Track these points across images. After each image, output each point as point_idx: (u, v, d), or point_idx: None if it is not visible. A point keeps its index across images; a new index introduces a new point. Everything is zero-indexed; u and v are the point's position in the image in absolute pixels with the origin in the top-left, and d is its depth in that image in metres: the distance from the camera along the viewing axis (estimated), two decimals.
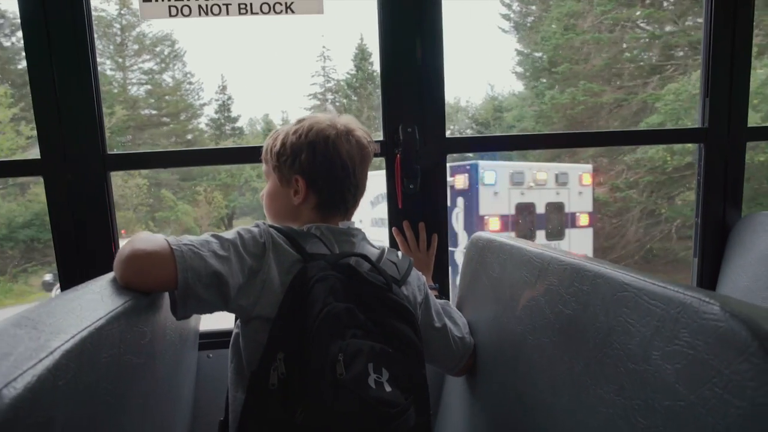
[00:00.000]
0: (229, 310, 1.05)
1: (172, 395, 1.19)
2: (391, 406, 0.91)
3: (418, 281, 1.23)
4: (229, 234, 1.05)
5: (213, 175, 19.74)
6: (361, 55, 22.41)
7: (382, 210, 2.17)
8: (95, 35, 1.56)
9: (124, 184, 17.04)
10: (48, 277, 12.75)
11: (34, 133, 1.55)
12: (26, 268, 15.63)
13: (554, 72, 15.71)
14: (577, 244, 8.70)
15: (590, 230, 9.06)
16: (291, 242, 1.08)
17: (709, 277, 1.84)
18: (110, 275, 1.00)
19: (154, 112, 20.83)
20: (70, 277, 1.58)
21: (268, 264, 1.04)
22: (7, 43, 18.11)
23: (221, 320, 1.40)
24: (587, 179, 8.91)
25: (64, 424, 0.62)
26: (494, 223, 7.91)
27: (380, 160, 1.67)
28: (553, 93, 15.39)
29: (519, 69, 18.92)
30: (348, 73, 22.85)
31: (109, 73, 20.21)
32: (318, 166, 1.17)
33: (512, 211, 8.18)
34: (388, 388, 0.93)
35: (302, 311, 0.95)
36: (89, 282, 0.97)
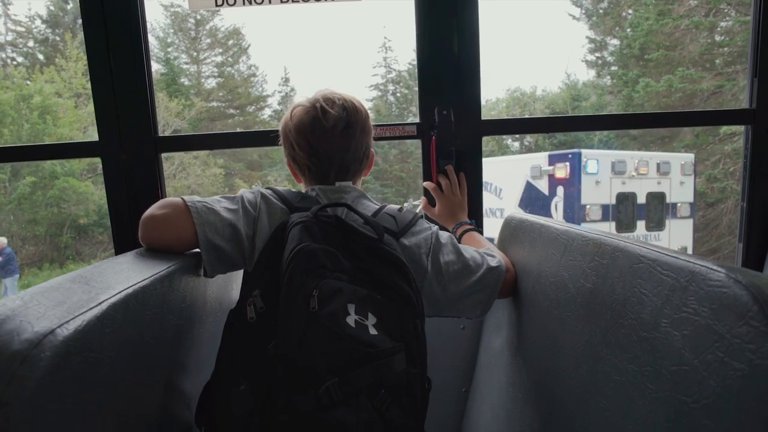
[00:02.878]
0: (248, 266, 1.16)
1: (211, 360, 1.26)
2: (370, 346, 0.90)
3: (429, 231, 1.23)
4: (233, 195, 1.18)
5: (281, 165, 20.27)
6: None
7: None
8: (172, 30, 1.66)
9: (202, 174, 17.80)
10: None
11: None
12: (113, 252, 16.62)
13: (648, 59, 15.12)
14: (677, 236, 8.52)
15: (690, 221, 8.81)
16: (281, 198, 1.19)
17: (754, 263, 1.76)
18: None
19: (223, 104, 21.60)
20: (124, 249, 1.69)
21: (262, 219, 1.15)
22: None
23: None
24: (689, 169, 8.65)
25: (111, 367, 0.71)
26: (595, 213, 7.83)
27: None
28: (647, 81, 14.79)
29: (590, 57, 18.30)
30: (410, 63, 22.85)
31: (184, 66, 21.09)
32: (288, 149, 1.29)
33: (613, 201, 8.04)
34: (373, 332, 0.92)
35: (280, 255, 0.98)
36: (137, 250, 1.08)
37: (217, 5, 1.62)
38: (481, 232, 1.58)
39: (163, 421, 0.99)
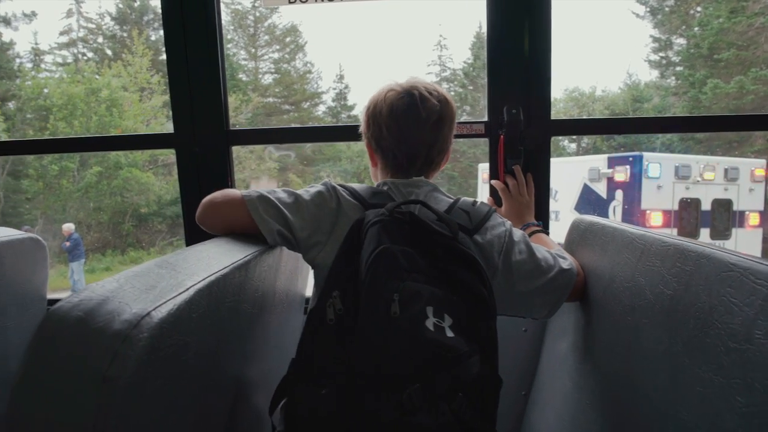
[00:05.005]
0: (301, 252, 1.20)
1: (278, 350, 1.30)
2: (449, 350, 0.89)
3: (503, 227, 1.21)
4: (298, 190, 1.21)
5: (334, 160, 20.51)
6: (479, 44, 22.10)
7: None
8: (232, 27, 1.72)
9: (257, 168, 18.22)
10: None
11: None
12: (172, 241, 17.34)
13: (717, 59, 14.48)
14: (744, 246, 8.09)
15: (760, 231, 8.41)
16: (353, 195, 1.19)
17: None
18: (228, 237, 1.15)
19: (279, 100, 22.00)
20: (195, 238, 1.75)
21: (333, 215, 1.17)
22: (154, 37, 20.02)
23: None
24: (760, 174, 8.23)
25: (196, 351, 0.75)
26: (656, 218, 7.63)
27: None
28: (716, 82, 14.17)
29: (654, 57, 17.66)
30: (465, 62, 22.67)
31: (242, 62, 21.61)
32: (372, 130, 1.28)
33: (675, 207, 7.79)
34: (450, 334, 0.91)
35: (358, 253, 0.99)
36: (213, 239, 1.12)
37: (290, 2, 1.66)
38: (548, 234, 1.56)
39: (236, 405, 1.03)
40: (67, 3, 21.24)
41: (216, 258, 0.94)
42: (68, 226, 12.54)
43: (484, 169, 10.45)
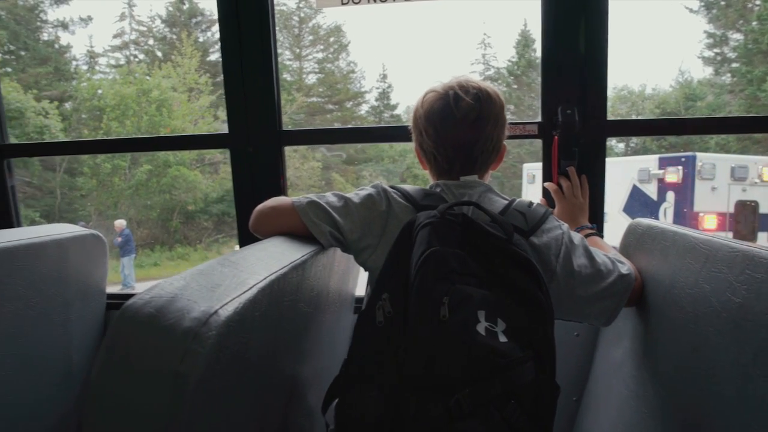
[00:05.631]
0: (353, 254, 1.22)
1: (330, 348, 1.31)
2: (501, 355, 0.86)
3: (559, 230, 1.18)
4: (348, 193, 1.22)
5: (376, 160, 20.58)
6: (524, 42, 21.80)
7: None
8: (277, 28, 1.75)
9: (300, 166, 18.48)
10: (238, 248, 14.63)
11: None
12: (218, 238, 17.80)
13: None
14: None
15: None
16: (405, 197, 1.19)
17: None
18: (284, 237, 1.17)
19: (322, 99, 22.21)
20: (247, 234, 1.79)
21: (383, 217, 1.18)
22: (202, 38, 20.53)
23: None
24: None
25: (257, 349, 0.77)
26: (710, 221, 7.36)
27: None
28: None
29: (708, 53, 17.02)
30: (509, 60, 22.38)
31: (287, 62, 21.93)
32: (416, 135, 1.29)
33: (731, 209, 7.45)
34: (503, 339, 0.89)
35: (409, 256, 0.97)
36: (270, 239, 1.15)
37: (342, 3, 1.67)
38: (602, 237, 1.52)
39: (291, 402, 1.05)
40: (120, 7, 22.01)
41: (275, 257, 0.95)
42: (120, 222, 12.97)
43: (529, 169, 10.29)
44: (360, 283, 1.51)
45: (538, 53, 1.67)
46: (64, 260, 1.61)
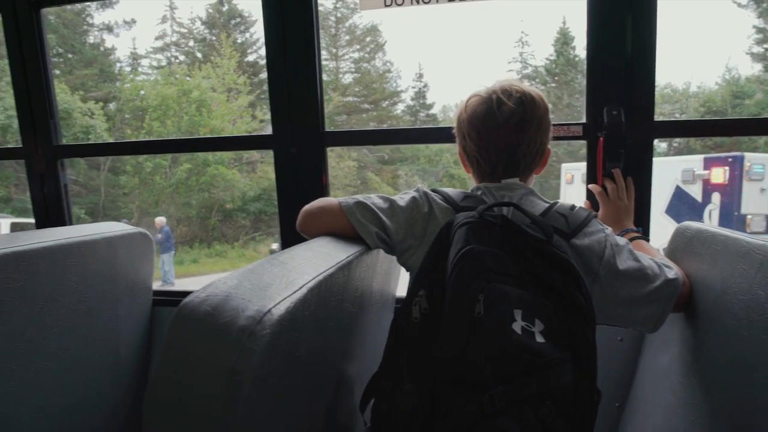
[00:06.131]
0: (396, 255, 1.24)
1: (371, 348, 1.32)
2: (537, 355, 0.86)
3: (602, 233, 1.16)
4: (392, 196, 1.24)
5: (412, 159, 20.58)
6: (563, 40, 21.44)
7: None
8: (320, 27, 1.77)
9: (336, 166, 18.64)
10: (275, 246, 14.98)
11: (267, 117, 1.84)
12: (254, 236, 18.13)
13: None
14: None
15: None
16: (445, 198, 1.21)
17: None
18: (329, 237, 1.20)
19: (358, 98, 22.32)
20: (290, 233, 1.84)
21: (425, 219, 1.19)
22: (240, 39, 20.88)
23: None
24: None
25: (306, 347, 0.78)
26: (758, 224, 7.08)
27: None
28: None
29: (757, 49, 16.44)
30: (547, 58, 22.05)
31: (324, 62, 22.10)
32: (460, 139, 1.29)
33: None
34: (540, 339, 0.88)
35: (447, 255, 0.98)
36: (315, 239, 1.17)
37: (386, 5, 1.68)
38: (648, 240, 1.49)
39: (335, 401, 1.06)
40: (162, 9, 22.56)
41: (322, 257, 0.97)
42: (160, 220, 13.31)
43: (567, 169, 10.13)
44: (400, 285, 1.53)
45: (578, 51, 1.66)
46: (114, 257, 1.66)
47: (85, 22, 20.93)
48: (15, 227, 10.56)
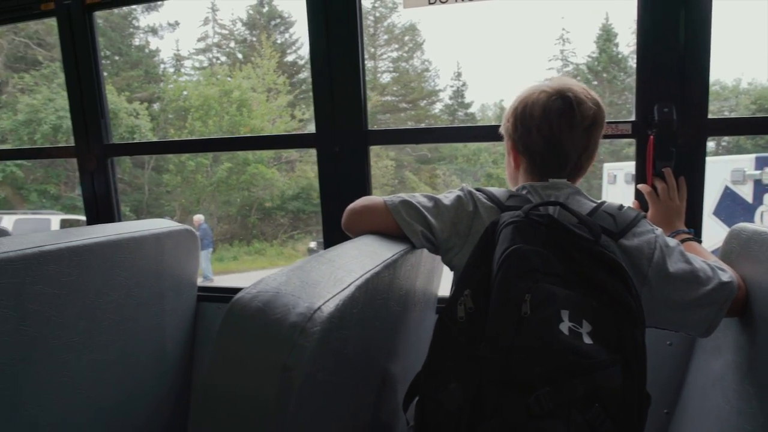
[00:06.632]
0: (440, 254, 1.23)
1: (414, 348, 1.32)
2: (585, 357, 0.85)
3: (652, 234, 1.13)
4: (436, 195, 1.24)
5: (450, 159, 20.50)
6: (606, 36, 20.98)
7: None
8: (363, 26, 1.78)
9: (374, 165, 18.72)
10: (312, 244, 15.15)
11: (305, 116, 1.85)
12: (293, 235, 18.41)
13: None
14: None
15: None
16: (490, 198, 1.20)
17: None
18: (373, 236, 1.20)
19: (396, 98, 22.34)
20: (332, 231, 1.86)
21: (470, 218, 1.18)
22: (280, 40, 21.16)
23: None
24: None
25: (353, 345, 0.78)
26: None
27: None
28: None
29: None
30: (589, 56, 21.61)
31: None
32: (518, 131, 1.25)
33: None
34: (587, 340, 0.87)
35: (492, 254, 0.97)
36: (360, 237, 1.18)
37: (429, 3, 1.67)
38: (701, 242, 1.44)
39: (379, 399, 1.06)
40: (204, 12, 23.04)
41: (368, 256, 0.97)
42: (198, 217, 13.62)
43: (609, 168, 9.90)
44: (443, 284, 1.52)
45: (621, 48, 1.61)
46: (161, 253, 1.70)
47: (131, 25, 21.57)
48: (64, 224, 10.97)
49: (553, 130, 1.20)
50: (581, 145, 1.22)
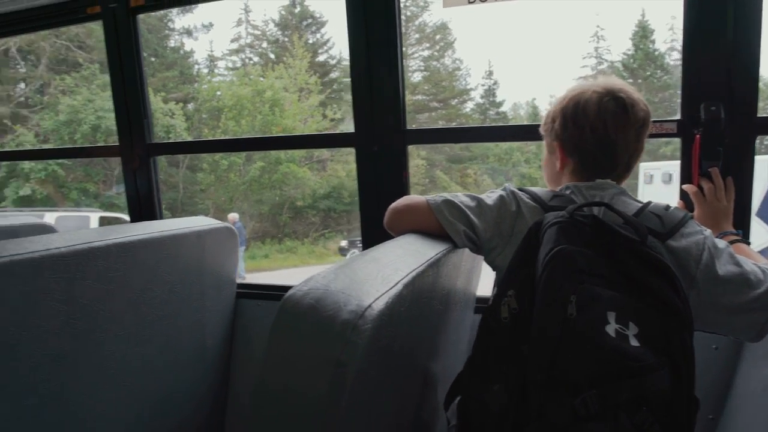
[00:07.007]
0: (483, 254, 1.23)
1: (454, 347, 1.32)
2: (632, 359, 0.84)
3: (701, 235, 1.11)
4: (479, 195, 1.23)
5: (482, 158, 20.36)
6: (642, 33, 20.52)
7: None
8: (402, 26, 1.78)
9: None
10: (344, 243, 15.24)
11: (337, 116, 1.87)
12: (324, 233, 18.53)
13: None
14: None
15: None
16: (533, 198, 1.18)
17: None
18: (416, 235, 1.20)
19: (427, 97, 22.29)
20: (370, 230, 1.87)
21: (513, 218, 1.17)
22: (311, 40, 21.33)
23: None
24: None
25: (401, 343, 0.79)
26: None
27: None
28: None
29: None
30: (624, 53, 21.18)
31: None
32: (568, 131, 1.23)
33: None
34: (634, 343, 0.86)
35: (536, 254, 0.96)
36: (403, 236, 1.18)
37: (469, 2, 1.66)
38: (749, 244, 1.40)
39: (422, 398, 1.06)
40: (237, 13, 23.33)
41: (412, 255, 0.98)
42: (233, 216, 13.82)
43: (646, 168, 9.70)
44: (482, 284, 1.52)
45: (657, 44, 1.57)
46: (202, 251, 1.73)
47: (167, 27, 21.97)
48: (102, 221, 11.27)
49: (608, 129, 1.18)
50: (632, 146, 1.21)
